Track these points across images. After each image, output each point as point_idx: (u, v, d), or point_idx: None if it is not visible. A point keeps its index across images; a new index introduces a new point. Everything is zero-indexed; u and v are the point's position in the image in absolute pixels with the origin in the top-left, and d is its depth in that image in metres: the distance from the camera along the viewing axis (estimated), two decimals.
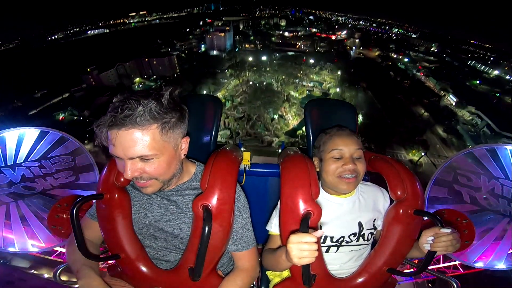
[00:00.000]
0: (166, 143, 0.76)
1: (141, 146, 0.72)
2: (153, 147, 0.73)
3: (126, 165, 0.74)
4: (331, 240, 0.98)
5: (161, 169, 0.78)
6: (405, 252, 0.94)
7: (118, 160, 0.76)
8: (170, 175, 0.83)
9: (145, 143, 0.72)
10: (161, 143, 0.75)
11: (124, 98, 0.71)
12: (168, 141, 0.77)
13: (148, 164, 0.76)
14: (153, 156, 0.75)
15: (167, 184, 0.85)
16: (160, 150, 0.75)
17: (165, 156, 0.77)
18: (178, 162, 0.85)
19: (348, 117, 1.27)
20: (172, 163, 0.81)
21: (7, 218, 1.47)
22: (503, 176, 1.41)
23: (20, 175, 1.47)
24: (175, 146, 0.80)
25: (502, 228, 1.43)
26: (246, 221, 0.95)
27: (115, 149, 0.72)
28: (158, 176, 0.80)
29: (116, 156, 0.74)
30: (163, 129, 0.74)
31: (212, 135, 1.22)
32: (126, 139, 0.71)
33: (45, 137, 1.51)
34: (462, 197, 1.46)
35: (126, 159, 0.73)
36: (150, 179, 0.79)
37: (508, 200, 1.39)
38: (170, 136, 0.77)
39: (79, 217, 0.78)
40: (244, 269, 0.95)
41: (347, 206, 1.00)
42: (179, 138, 0.81)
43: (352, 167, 0.92)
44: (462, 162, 1.47)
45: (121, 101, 0.71)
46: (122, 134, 0.70)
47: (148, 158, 0.75)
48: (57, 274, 1.06)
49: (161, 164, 0.77)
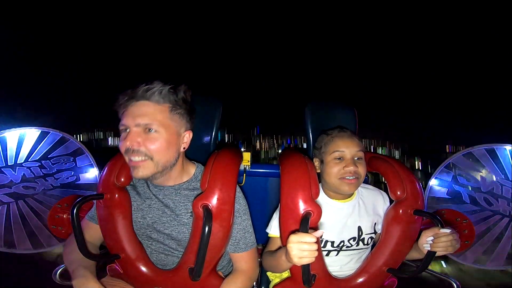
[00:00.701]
0: (172, 124, 0.82)
1: (150, 116, 0.78)
2: (160, 120, 0.79)
3: (130, 132, 0.79)
4: (331, 245, 0.98)
5: (160, 146, 0.80)
6: (405, 252, 0.95)
7: (123, 135, 0.81)
8: (165, 159, 0.82)
9: (155, 115, 0.79)
10: (168, 121, 0.81)
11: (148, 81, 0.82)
12: (173, 123, 0.83)
13: (149, 137, 0.79)
14: (157, 129, 0.79)
15: (161, 171, 0.83)
16: (165, 127, 0.80)
17: (167, 134, 0.81)
18: (177, 151, 0.85)
19: (348, 119, 1.28)
20: (171, 147, 0.83)
21: (7, 218, 1.48)
22: (502, 176, 1.41)
23: (21, 175, 1.47)
24: (178, 133, 0.84)
25: (502, 228, 1.43)
26: (245, 223, 0.95)
27: (126, 118, 0.79)
28: (154, 154, 0.79)
29: (124, 127, 0.80)
30: (172, 111, 0.82)
31: (212, 135, 1.22)
32: (139, 109, 0.79)
33: (46, 137, 1.51)
34: (461, 197, 1.47)
35: (132, 127, 0.78)
36: (145, 156, 0.79)
37: (508, 200, 1.39)
38: (176, 120, 0.83)
39: (79, 217, 0.78)
40: (243, 271, 0.95)
41: (347, 211, 1.00)
42: (183, 128, 0.86)
43: (353, 169, 0.92)
44: (461, 162, 1.47)
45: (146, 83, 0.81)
46: (137, 105, 0.79)
47: (152, 129, 0.79)
48: (56, 274, 1.06)
49: (161, 141, 0.80)
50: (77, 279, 0.82)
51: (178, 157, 0.87)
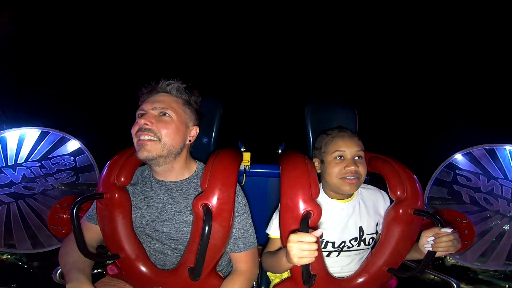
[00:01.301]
0: (183, 114, 0.92)
1: (167, 103, 0.89)
2: (174, 108, 0.89)
3: (146, 114, 0.87)
4: (332, 246, 0.98)
5: (170, 129, 0.87)
6: (405, 252, 0.94)
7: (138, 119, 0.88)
8: (171, 143, 0.87)
9: (170, 103, 0.90)
10: (180, 111, 0.91)
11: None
12: (184, 114, 0.92)
13: (162, 119, 0.87)
14: (170, 113, 0.88)
15: (164, 156, 0.87)
16: (177, 114, 0.90)
17: (177, 121, 0.89)
18: (183, 140, 0.91)
19: (348, 118, 1.28)
20: (179, 133, 0.89)
21: (7, 218, 1.48)
22: (502, 177, 1.41)
23: (21, 175, 1.47)
24: (187, 124, 0.93)
25: (502, 228, 1.43)
26: (244, 222, 0.95)
27: (145, 104, 0.90)
28: (163, 136, 0.86)
29: (141, 112, 0.89)
30: (184, 104, 0.93)
31: (212, 135, 1.22)
32: (159, 98, 0.90)
33: (46, 137, 1.51)
34: (461, 197, 1.47)
35: (149, 110, 0.88)
36: (155, 136, 0.85)
37: (508, 200, 1.39)
38: (187, 113, 0.93)
39: (79, 217, 0.78)
40: (242, 272, 0.94)
41: (347, 211, 0.99)
42: (192, 122, 0.95)
43: (354, 168, 0.91)
44: (461, 162, 1.47)
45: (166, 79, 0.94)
46: (158, 95, 0.91)
47: (166, 113, 0.88)
48: (56, 274, 1.06)
49: (172, 125, 0.88)
50: (71, 283, 0.80)
51: (183, 147, 0.92)
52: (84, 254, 0.82)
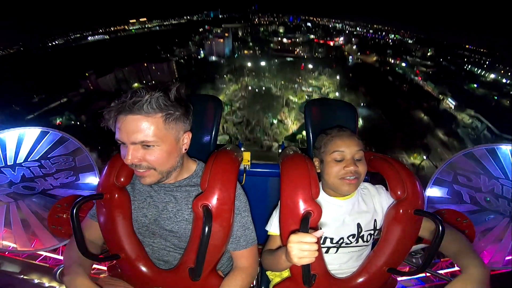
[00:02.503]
0: (168, 133, 0.80)
1: (145, 132, 0.76)
2: (156, 134, 0.77)
3: (128, 150, 0.77)
4: (330, 242, 0.98)
5: (161, 158, 0.80)
6: (405, 252, 0.94)
7: (122, 146, 0.80)
8: (169, 166, 0.84)
9: (149, 130, 0.76)
10: (164, 132, 0.79)
11: (135, 89, 0.77)
12: (170, 132, 0.80)
13: (148, 151, 0.79)
14: (154, 144, 0.78)
15: (165, 176, 0.86)
16: (162, 139, 0.79)
17: (166, 145, 0.80)
18: (179, 155, 0.87)
19: (348, 117, 1.27)
20: (172, 155, 0.83)
21: (7, 218, 1.48)
22: (503, 176, 1.41)
23: (20, 175, 1.47)
24: (176, 139, 0.83)
25: (502, 228, 1.43)
26: (245, 220, 0.95)
27: (120, 134, 0.77)
28: (157, 166, 0.81)
29: (121, 142, 0.79)
30: (166, 120, 0.79)
31: (212, 135, 1.22)
32: (131, 125, 0.76)
33: (45, 137, 1.51)
34: (462, 197, 1.47)
35: (128, 144, 0.77)
36: (149, 168, 0.81)
37: (508, 200, 1.39)
38: (172, 128, 0.81)
39: (79, 217, 0.78)
40: (243, 268, 0.95)
41: (346, 208, 1.00)
42: (181, 132, 0.85)
43: (353, 168, 0.91)
44: (462, 162, 1.47)
45: (132, 91, 0.77)
46: (128, 120, 0.76)
47: (149, 145, 0.78)
48: (57, 274, 1.06)
49: (162, 153, 0.80)
50: (69, 275, 0.83)
51: (180, 159, 0.89)
52: (84, 254, 0.82)
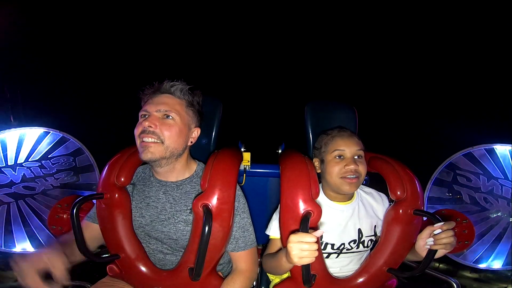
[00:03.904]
0: (186, 116, 0.92)
1: (171, 106, 0.89)
2: (177, 111, 0.90)
3: (149, 116, 0.87)
4: (331, 247, 0.98)
5: (173, 132, 0.87)
6: (405, 252, 0.94)
7: (141, 120, 0.89)
8: (174, 145, 0.88)
9: (174, 106, 0.90)
10: (183, 113, 0.91)
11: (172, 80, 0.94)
12: (187, 116, 0.92)
13: (166, 122, 0.88)
14: (174, 117, 0.88)
15: (167, 157, 0.88)
16: (180, 117, 0.90)
17: (180, 123, 0.90)
18: (185, 142, 0.92)
19: (348, 118, 1.28)
20: (181, 135, 0.90)
21: (7, 218, 1.48)
22: (502, 176, 1.41)
23: (21, 175, 1.47)
24: (189, 126, 0.93)
25: (502, 228, 1.43)
26: (244, 221, 0.95)
27: (148, 106, 0.89)
28: (166, 138, 0.86)
29: (144, 113, 0.89)
30: (187, 106, 0.93)
31: (212, 135, 1.22)
32: (162, 100, 0.90)
33: (46, 137, 1.51)
34: (462, 197, 1.47)
35: (152, 112, 0.87)
36: (158, 138, 0.86)
37: (508, 200, 1.39)
38: (190, 115, 0.93)
39: (79, 217, 0.78)
40: (242, 271, 0.95)
41: (347, 213, 0.99)
42: (193, 124, 0.95)
43: (354, 167, 0.91)
44: (461, 162, 1.47)
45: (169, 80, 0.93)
46: (162, 97, 0.91)
47: (169, 116, 0.88)
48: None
49: (175, 128, 0.88)
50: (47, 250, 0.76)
51: (185, 148, 0.93)
52: (84, 254, 0.82)
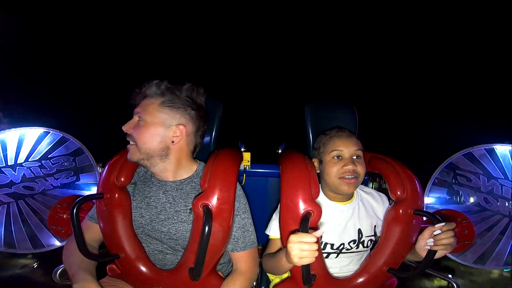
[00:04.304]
0: (159, 116, 0.87)
1: (142, 107, 0.88)
2: (148, 112, 0.87)
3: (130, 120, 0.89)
4: (331, 247, 0.98)
5: (141, 134, 0.86)
6: (405, 252, 0.94)
7: None
8: (146, 146, 0.86)
9: (145, 107, 0.88)
10: (155, 113, 0.87)
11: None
12: (161, 115, 0.87)
13: (137, 124, 0.87)
14: (143, 118, 0.87)
15: (145, 158, 0.88)
16: (151, 117, 0.86)
17: (150, 124, 0.86)
18: (162, 142, 0.88)
19: (348, 118, 1.28)
20: (154, 137, 0.86)
21: (7, 218, 1.48)
22: (502, 177, 1.41)
23: (21, 175, 1.47)
24: (165, 124, 0.88)
25: (502, 228, 1.43)
26: (245, 221, 0.95)
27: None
28: (137, 141, 0.86)
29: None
30: (162, 104, 0.88)
31: (212, 135, 1.22)
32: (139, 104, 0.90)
33: (46, 137, 1.51)
34: (462, 197, 1.47)
35: (133, 116, 0.89)
36: (133, 140, 0.87)
37: (508, 200, 1.39)
38: (166, 113, 0.88)
39: (79, 217, 0.78)
40: (242, 271, 0.94)
41: (347, 213, 0.99)
42: (174, 121, 0.89)
43: (352, 167, 0.91)
44: (461, 163, 1.48)
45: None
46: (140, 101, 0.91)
47: (139, 118, 0.87)
48: (57, 274, 1.06)
49: (144, 129, 0.86)
50: (78, 283, 0.81)
51: (166, 149, 0.89)
52: (84, 254, 0.82)
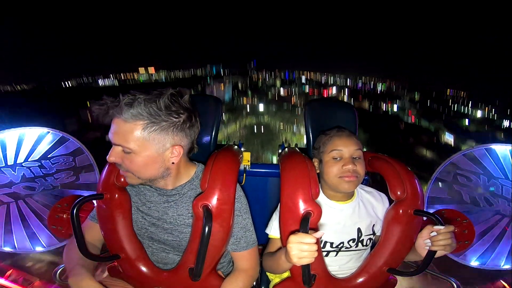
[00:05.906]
0: (149, 143, 0.76)
1: (122, 137, 0.75)
2: (133, 141, 0.74)
3: (112, 149, 0.78)
4: (330, 246, 0.98)
5: (136, 167, 0.78)
6: (405, 252, 0.94)
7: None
8: (148, 175, 0.81)
9: (126, 136, 0.74)
10: (142, 141, 0.75)
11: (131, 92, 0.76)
12: (151, 142, 0.76)
13: (127, 157, 0.77)
14: (132, 150, 0.75)
15: (149, 181, 0.84)
16: (140, 147, 0.75)
17: (143, 155, 0.76)
18: (162, 167, 0.82)
19: (348, 117, 1.27)
20: (151, 166, 0.79)
21: (7, 218, 1.48)
22: (502, 176, 1.41)
23: (21, 175, 1.47)
24: (159, 149, 0.78)
25: (502, 228, 1.43)
26: (246, 221, 0.95)
27: (110, 132, 0.77)
28: (134, 172, 0.80)
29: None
30: (146, 128, 0.74)
31: (212, 135, 1.22)
32: (114, 127, 0.75)
33: (45, 137, 1.51)
34: (462, 197, 1.47)
35: (113, 144, 0.78)
36: (127, 170, 0.80)
37: (508, 200, 1.39)
38: (154, 138, 0.76)
39: (79, 217, 0.78)
40: (244, 270, 0.95)
41: (347, 212, 0.99)
42: (168, 144, 0.79)
43: (352, 167, 0.91)
44: (461, 162, 1.47)
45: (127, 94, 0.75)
46: (114, 121, 0.76)
47: (126, 151, 0.76)
48: (57, 274, 1.06)
49: (137, 162, 0.77)
50: (73, 277, 0.82)
51: (166, 169, 0.84)
52: (84, 255, 0.82)
